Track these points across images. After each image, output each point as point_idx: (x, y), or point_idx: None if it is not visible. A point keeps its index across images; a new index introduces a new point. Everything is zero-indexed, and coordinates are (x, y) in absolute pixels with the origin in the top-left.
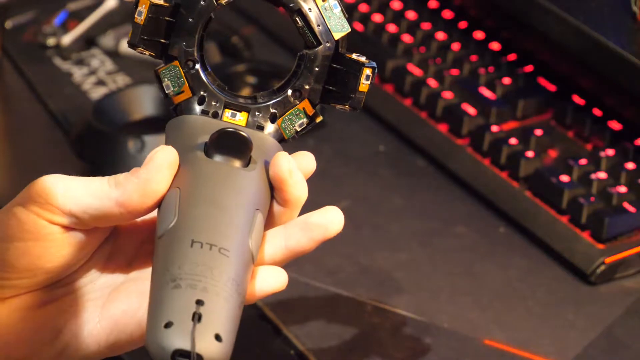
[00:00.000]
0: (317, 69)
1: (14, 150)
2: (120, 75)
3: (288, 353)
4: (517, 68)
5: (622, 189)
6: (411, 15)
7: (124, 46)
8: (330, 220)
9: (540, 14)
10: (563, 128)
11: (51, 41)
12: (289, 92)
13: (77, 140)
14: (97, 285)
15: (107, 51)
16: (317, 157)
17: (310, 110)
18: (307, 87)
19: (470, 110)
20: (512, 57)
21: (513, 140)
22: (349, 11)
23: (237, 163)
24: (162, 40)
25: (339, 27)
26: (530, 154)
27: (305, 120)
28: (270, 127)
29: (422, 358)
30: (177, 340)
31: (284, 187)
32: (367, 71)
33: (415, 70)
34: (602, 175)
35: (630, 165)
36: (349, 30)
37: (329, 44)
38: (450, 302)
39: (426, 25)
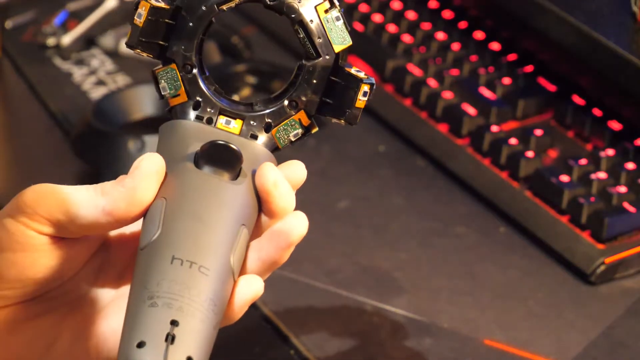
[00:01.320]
0: (315, 81)
1: (14, 150)
2: (120, 75)
3: (288, 353)
4: (517, 68)
5: (622, 189)
6: (411, 15)
7: (124, 46)
8: (291, 226)
9: (540, 14)
10: (563, 128)
11: (51, 41)
12: (285, 102)
13: (77, 140)
14: (87, 300)
15: (107, 51)
16: (316, 157)
17: (306, 121)
18: (303, 98)
19: (470, 110)
20: (512, 57)
21: (513, 140)
22: (349, 11)
23: (226, 176)
24: (161, 43)
25: (340, 40)
26: (530, 154)
27: (300, 130)
28: (263, 137)
29: (422, 358)
30: None
31: (270, 198)
32: (365, 87)
33: (415, 70)
34: (602, 175)
35: (630, 165)
36: (350, 43)
37: (328, 57)
38: (450, 302)
39: (426, 25)
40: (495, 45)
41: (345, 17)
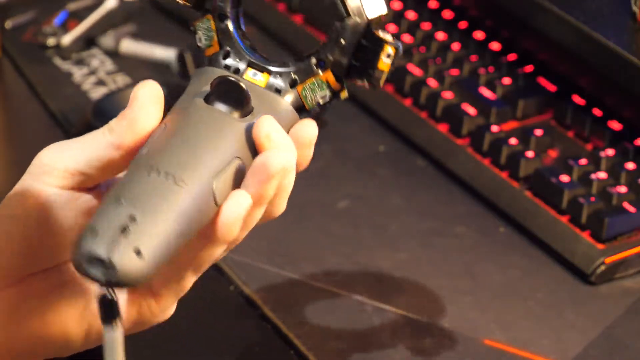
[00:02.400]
0: (343, 41)
1: (14, 150)
2: (120, 75)
3: (288, 353)
4: (517, 68)
5: (622, 189)
6: (411, 15)
7: (124, 46)
8: (268, 158)
9: (540, 14)
10: (563, 128)
11: (51, 41)
12: (313, 59)
13: None
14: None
15: (107, 51)
16: (316, 157)
17: (335, 84)
18: (331, 58)
19: (470, 110)
20: (512, 57)
21: (513, 140)
22: None
23: (233, 113)
24: None
25: (374, 7)
26: (530, 154)
27: (328, 93)
28: (290, 93)
29: (422, 358)
30: (96, 246)
31: (261, 150)
32: (389, 49)
33: (415, 70)
34: (602, 175)
35: (630, 165)
36: (385, 11)
37: (359, 20)
38: (450, 302)
39: (426, 25)
40: (495, 45)
41: None
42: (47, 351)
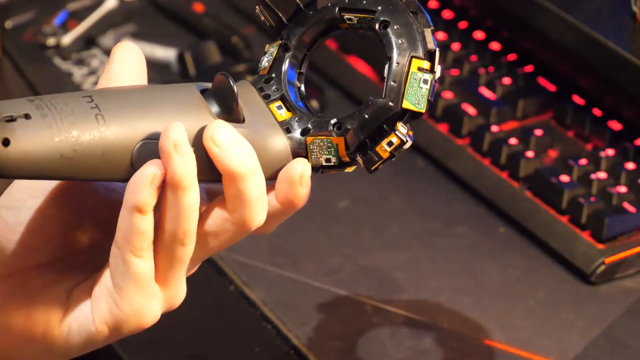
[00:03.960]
0: (366, 115)
1: None
2: None
3: (288, 353)
4: (517, 68)
5: (622, 189)
6: None
7: None
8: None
9: (540, 14)
10: (563, 128)
11: (51, 41)
12: (332, 121)
13: None
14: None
15: (107, 51)
16: None
17: (343, 153)
18: (349, 126)
19: (470, 110)
20: (512, 57)
21: (513, 140)
22: None
23: (219, 115)
24: (283, 18)
25: (414, 101)
26: (530, 154)
27: (334, 158)
28: (297, 138)
29: (422, 358)
30: None
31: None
32: (393, 138)
33: None
34: (602, 175)
35: (630, 165)
36: (422, 110)
37: (392, 104)
38: (450, 302)
39: None
40: (495, 45)
41: (434, 89)
42: (30, 352)
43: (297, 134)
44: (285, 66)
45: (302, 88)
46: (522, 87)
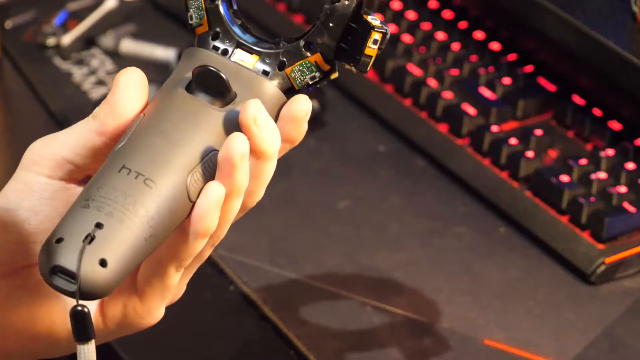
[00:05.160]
0: (332, 24)
1: (14, 150)
2: None
3: (288, 353)
4: (517, 68)
5: (622, 189)
6: (411, 15)
7: (124, 46)
8: (228, 146)
9: (540, 14)
10: (563, 128)
11: (51, 41)
12: (302, 42)
13: None
14: None
15: (107, 51)
16: (316, 157)
17: (324, 66)
18: (319, 41)
19: (470, 110)
20: (512, 57)
21: (513, 140)
22: None
23: (215, 102)
24: None
25: None
26: (530, 154)
27: (318, 74)
28: (278, 76)
29: (422, 358)
30: (60, 256)
31: (249, 134)
32: (376, 35)
33: (415, 70)
34: (602, 175)
35: (630, 165)
36: None
37: (347, 2)
38: (450, 302)
39: (426, 25)
40: (495, 45)
41: None
42: (35, 349)
43: (276, 72)
44: (224, 13)
45: (242, 21)
46: (522, 87)
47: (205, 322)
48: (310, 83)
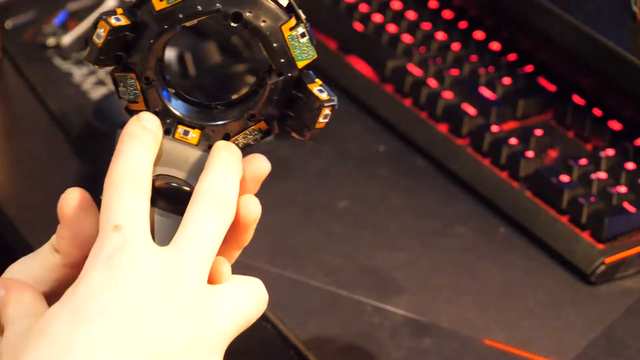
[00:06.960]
0: (276, 97)
1: (14, 150)
2: None
3: (288, 353)
4: (517, 68)
5: (622, 189)
6: (411, 15)
7: None
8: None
9: (540, 14)
10: (563, 128)
11: (51, 41)
12: (246, 116)
13: (77, 140)
14: None
15: None
16: (317, 157)
17: (266, 128)
18: (263, 111)
19: (470, 110)
20: (512, 57)
21: (513, 140)
22: (349, 11)
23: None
24: (120, 53)
25: (304, 56)
26: (530, 154)
27: (259, 135)
28: None
29: (422, 358)
30: None
31: (249, 234)
32: (327, 110)
33: (415, 70)
34: (602, 175)
35: (630, 165)
36: (315, 56)
37: (290, 75)
38: (450, 302)
39: (426, 25)
40: (495, 45)
41: (310, 32)
42: None
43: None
44: (163, 95)
45: (175, 90)
46: (522, 87)
47: None
48: (252, 144)
